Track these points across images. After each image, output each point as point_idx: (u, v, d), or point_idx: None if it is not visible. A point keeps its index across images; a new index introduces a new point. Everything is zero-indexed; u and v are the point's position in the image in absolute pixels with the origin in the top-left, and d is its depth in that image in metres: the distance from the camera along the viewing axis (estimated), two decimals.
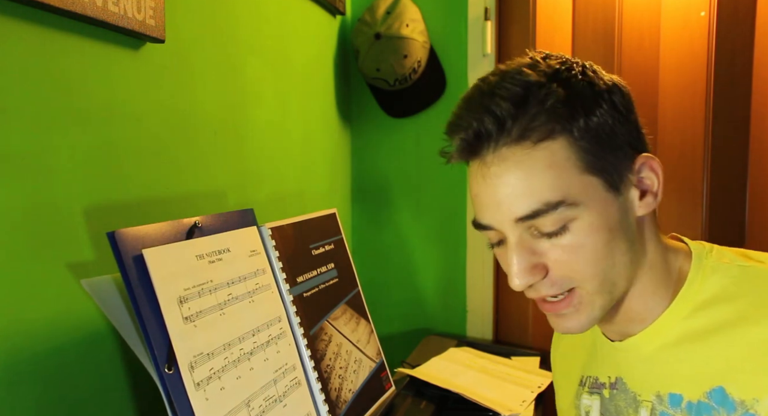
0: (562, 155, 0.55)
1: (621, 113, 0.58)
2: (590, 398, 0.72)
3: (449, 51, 1.59)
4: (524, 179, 0.55)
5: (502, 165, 0.56)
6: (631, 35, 1.50)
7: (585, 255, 0.57)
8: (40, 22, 0.68)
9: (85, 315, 0.76)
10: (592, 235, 0.56)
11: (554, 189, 0.55)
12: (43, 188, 0.70)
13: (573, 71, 0.58)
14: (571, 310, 0.60)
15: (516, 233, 0.58)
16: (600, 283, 0.58)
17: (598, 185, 0.56)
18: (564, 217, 0.55)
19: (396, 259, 1.71)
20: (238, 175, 1.11)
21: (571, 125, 0.55)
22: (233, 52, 1.09)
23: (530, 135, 0.55)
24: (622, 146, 0.58)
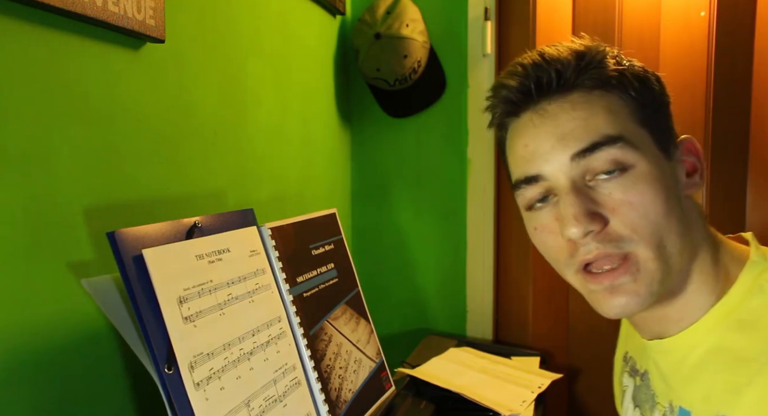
0: (618, 103, 0.58)
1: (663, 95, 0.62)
2: (628, 379, 0.71)
3: (449, 51, 1.59)
4: (582, 117, 0.56)
5: (561, 106, 0.57)
6: (631, 35, 1.50)
7: (644, 206, 0.54)
8: (40, 22, 0.68)
9: (85, 315, 0.76)
10: (651, 185, 0.55)
11: (613, 126, 0.56)
12: (43, 188, 0.70)
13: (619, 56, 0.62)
14: (629, 279, 0.55)
15: (572, 174, 0.56)
16: (657, 246, 0.55)
17: (650, 140, 0.58)
18: (623, 156, 0.55)
19: (396, 259, 1.71)
20: (238, 175, 1.11)
21: (625, 85, 0.58)
22: (233, 52, 1.09)
23: (587, 83, 0.58)
24: (670, 120, 0.61)
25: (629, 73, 0.59)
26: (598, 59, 0.59)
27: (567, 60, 0.58)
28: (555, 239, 0.59)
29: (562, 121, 0.57)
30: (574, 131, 0.56)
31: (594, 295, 0.58)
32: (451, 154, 1.62)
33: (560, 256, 0.60)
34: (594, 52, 0.59)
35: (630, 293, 0.55)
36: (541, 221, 0.60)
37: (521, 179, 0.60)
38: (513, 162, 0.63)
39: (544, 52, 0.60)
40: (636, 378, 0.69)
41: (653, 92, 0.60)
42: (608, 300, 0.57)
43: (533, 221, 0.61)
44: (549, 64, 0.58)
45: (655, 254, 0.55)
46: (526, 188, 0.59)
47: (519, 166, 0.60)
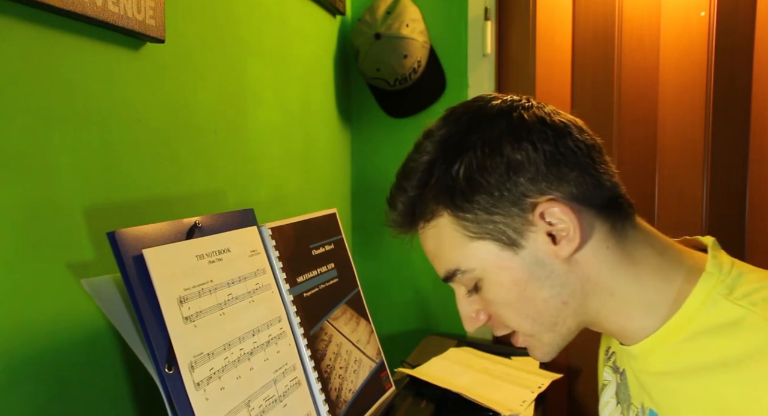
0: (450, 229, 0.61)
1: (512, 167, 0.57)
2: (612, 375, 0.73)
3: (449, 51, 1.59)
4: (430, 251, 0.64)
5: (420, 240, 0.66)
6: (631, 35, 1.50)
7: (503, 308, 0.62)
8: (40, 22, 0.68)
9: (85, 315, 0.76)
10: (500, 292, 0.61)
11: (449, 260, 0.62)
12: (43, 188, 0.70)
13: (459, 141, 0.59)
14: (529, 349, 0.65)
15: (454, 288, 0.65)
16: (531, 327, 0.62)
17: (491, 248, 0.59)
18: (469, 279, 0.62)
19: (396, 259, 1.71)
20: (238, 175, 1.11)
21: (453, 200, 0.59)
22: (233, 52, 1.09)
23: (422, 217, 0.62)
24: (515, 202, 0.57)
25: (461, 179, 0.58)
26: (423, 184, 0.61)
27: (397, 207, 0.64)
28: None
29: (425, 252, 0.66)
30: (435, 265, 0.65)
31: None
32: None
33: None
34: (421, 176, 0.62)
35: (534, 353, 0.65)
36: None
37: None
38: None
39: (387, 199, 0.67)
40: (617, 375, 0.71)
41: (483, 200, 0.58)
42: (528, 352, 0.67)
43: None
44: (390, 210, 0.66)
45: (535, 331, 0.62)
46: None
47: None
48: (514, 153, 0.57)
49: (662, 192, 1.53)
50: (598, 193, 0.59)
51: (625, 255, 0.60)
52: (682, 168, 1.51)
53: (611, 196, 0.59)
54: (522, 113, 0.59)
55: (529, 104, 0.61)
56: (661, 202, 1.54)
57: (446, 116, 0.63)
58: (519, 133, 0.58)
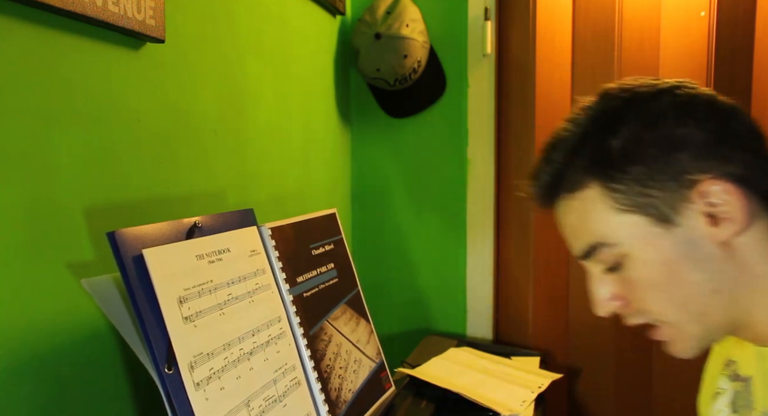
0: (598, 200, 0.58)
1: (675, 142, 0.56)
2: (728, 383, 0.69)
3: (449, 51, 1.59)
4: (570, 225, 0.62)
5: (557, 214, 0.64)
6: (631, 35, 1.50)
7: (647, 290, 0.58)
8: (40, 22, 0.68)
9: (85, 315, 0.76)
10: (645, 271, 0.57)
11: (592, 233, 0.59)
12: (43, 187, 0.70)
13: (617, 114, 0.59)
14: (666, 340, 0.61)
15: (590, 267, 0.62)
16: (676, 316, 0.58)
17: (641, 222, 0.57)
18: (611, 255, 0.59)
19: (396, 259, 1.71)
20: (238, 175, 1.11)
21: (606, 170, 0.58)
22: (233, 52, 1.09)
23: (568, 188, 0.61)
24: (673, 177, 0.56)
25: (606, 161, 0.58)
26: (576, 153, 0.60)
27: (543, 174, 0.62)
28: None
29: (562, 227, 0.64)
30: (570, 239, 0.63)
31: None
32: (451, 154, 1.62)
33: None
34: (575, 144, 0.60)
35: (674, 348, 0.61)
36: None
37: None
38: None
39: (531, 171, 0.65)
40: (737, 383, 0.67)
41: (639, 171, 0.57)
42: (666, 348, 0.62)
43: None
44: (535, 180, 0.64)
45: (679, 321, 0.58)
46: None
47: None
48: (677, 128, 0.56)
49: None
50: (763, 179, 0.56)
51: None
52: None
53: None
54: (687, 91, 0.58)
55: (693, 85, 0.59)
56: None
57: (603, 93, 0.62)
58: (684, 109, 0.57)
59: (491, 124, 1.58)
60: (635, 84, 0.60)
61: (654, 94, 0.58)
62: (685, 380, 1.48)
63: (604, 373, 1.60)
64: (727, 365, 0.71)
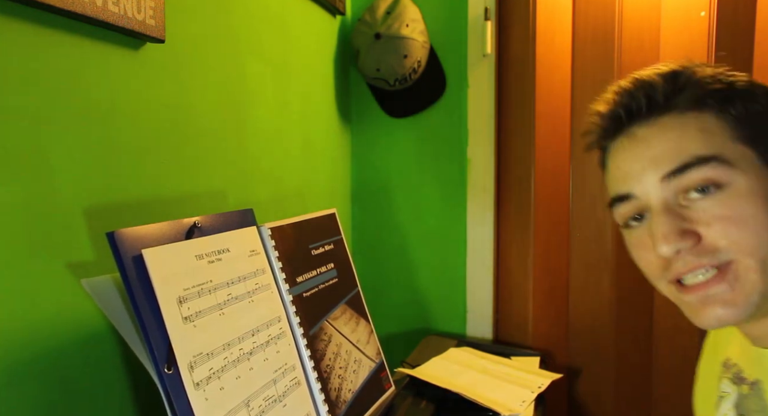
0: (714, 123, 0.57)
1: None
2: (731, 386, 0.67)
3: (449, 51, 1.59)
4: (673, 139, 0.57)
5: (651, 130, 0.58)
6: (631, 35, 1.50)
7: (745, 221, 0.53)
8: (40, 22, 0.69)
9: (85, 315, 0.76)
10: (749, 200, 0.54)
11: (706, 147, 0.56)
12: (43, 187, 0.70)
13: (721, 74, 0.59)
14: (725, 288, 0.54)
15: (663, 194, 0.57)
16: (760, 259, 0.53)
17: (752, 156, 0.56)
18: (716, 175, 0.55)
19: (396, 259, 1.71)
20: (238, 175, 1.11)
21: (723, 104, 0.57)
22: (233, 52, 1.09)
23: (680, 105, 0.57)
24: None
25: (729, 92, 0.58)
26: (692, 80, 0.58)
27: (657, 83, 0.58)
28: (650, 255, 0.60)
29: (653, 143, 0.58)
30: (666, 153, 0.57)
31: (688, 306, 0.58)
32: (451, 154, 1.62)
33: (655, 270, 0.60)
34: (688, 73, 0.59)
35: (727, 304, 0.54)
36: (638, 238, 0.61)
37: (614, 197, 0.61)
38: (608, 182, 0.65)
39: (636, 76, 0.61)
40: (742, 386, 0.65)
41: (758, 108, 0.58)
42: (703, 311, 0.56)
43: (630, 237, 0.63)
44: (638, 89, 0.59)
45: (758, 266, 0.53)
46: (619, 206, 0.61)
47: (612, 185, 0.62)
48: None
49: None
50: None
51: None
52: None
53: None
54: None
55: None
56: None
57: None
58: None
59: (491, 124, 1.58)
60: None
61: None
62: (685, 380, 1.48)
63: (604, 373, 1.60)
64: (726, 367, 0.70)
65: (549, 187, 1.60)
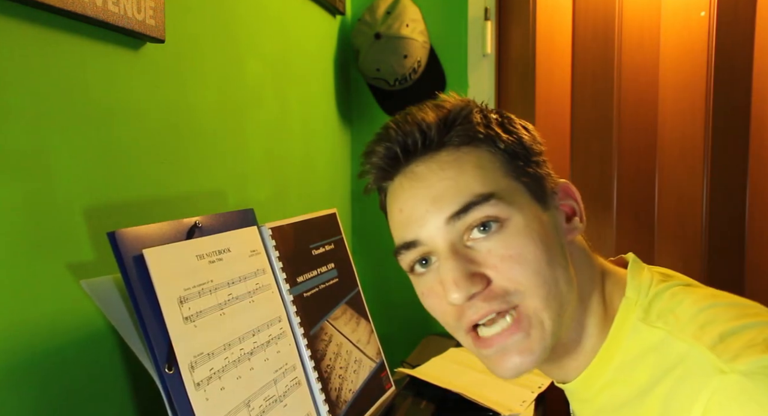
0: (487, 158, 0.57)
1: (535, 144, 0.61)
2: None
3: (449, 51, 1.59)
4: (452, 177, 0.55)
5: (429, 166, 0.56)
6: (631, 35, 1.50)
7: (526, 260, 0.53)
8: (40, 22, 0.68)
9: (85, 315, 0.76)
10: (529, 238, 0.54)
11: (484, 184, 0.55)
12: (43, 188, 0.70)
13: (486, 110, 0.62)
14: (521, 337, 0.54)
15: (449, 237, 0.55)
16: (546, 296, 0.54)
17: (524, 192, 0.57)
18: (496, 212, 0.54)
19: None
20: (238, 175, 1.11)
21: (493, 139, 0.58)
22: (233, 52, 1.09)
23: (454, 141, 0.57)
24: (541, 168, 0.60)
25: (497, 127, 0.59)
26: (462, 115, 0.58)
27: (430, 120, 0.57)
28: (442, 304, 0.58)
29: (433, 182, 0.56)
30: (446, 193, 0.55)
31: (487, 359, 0.58)
32: None
33: (449, 320, 0.59)
34: (458, 109, 0.58)
35: (523, 352, 0.54)
36: (427, 286, 0.59)
37: (400, 245, 0.58)
38: (392, 227, 0.62)
39: (409, 113, 0.60)
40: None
41: (523, 143, 0.59)
42: (501, 362, 0.56)
43: (419, 286, 0.61)
44: (413, 125, 0.57)
45: (545, 304, 0.54)
46: (405, 254, 0.58)
47: (397, 231, 0.59)
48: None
49: (662, 191, 1.53)
50: None
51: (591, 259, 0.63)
52: (682, 167, 1.51)
53: None
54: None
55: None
56: (660, 201, 1.54)
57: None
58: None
59: None
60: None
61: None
62: None
63: None
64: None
65: None
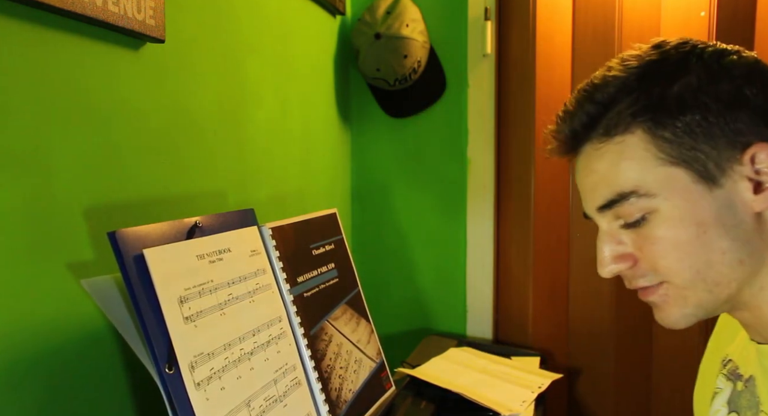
0: (640, 147, 0.56)
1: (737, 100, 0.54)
2: (725, 382, 0.68)
3: (449, 51, 1.59)
4: (600, 171, 0.58)
5: (584, 160, 0.60)
6: (631, 35, 1.50)
7: (667, 249, 0.55)
8: (40, 22, 0.68)
9: (85, 315, 0.76)
10: (673, 228, 0.55)
11: (627, 180, 0.56)
12: (43, 188, 0.70)
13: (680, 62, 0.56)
14: (659, 300, 0.58)
15: (603, 222, 0.60)
16: (690, 280, 0.55)
17: (683, 177, 0.55)
18: (641, 207, 0.56)
19: (396, 259, 1.71)
20: (238, 175, 1.11)
21: (658, 116, 0.55)
22: (233, 52, 1.09)
23: (609, 130, 0.57)
24: (727, 135, 0.54)
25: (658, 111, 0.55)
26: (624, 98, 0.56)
27: (578, 117, 0.59)
28: None
29: (586, 174, 0.60)
30: (595, 187, 0.59)
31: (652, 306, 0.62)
32: (451, 154, 1.62)
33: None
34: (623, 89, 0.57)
35: (665, 312, 0.59)
36: None
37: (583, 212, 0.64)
38: None
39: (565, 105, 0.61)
40: (738, 382, 0.65)
41: (711, 108, 0.54)
42: (656, 313, 0.60)
43: None
44: (565, 121, 0.60)
45: (689, 285, 0.56)
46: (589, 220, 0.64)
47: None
48: (744, 88, 0.54)
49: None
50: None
51: None
52: None
53: None
54: (754, 55, 0.57)
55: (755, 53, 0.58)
56: None
57: (658, 44, 0.58)
58: (752, 70, 0.55)
59: (491, 124, 1.58)
60: (692, 40, 0.58)
61: (721, 51, 0.56)
62: (685, 380, 1.48)
63: (604, 373, 1.60)
64: (724, 364, 0.70)
65: (549, 187, 1.60)
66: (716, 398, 0.69)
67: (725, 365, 0.70)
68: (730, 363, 0.69)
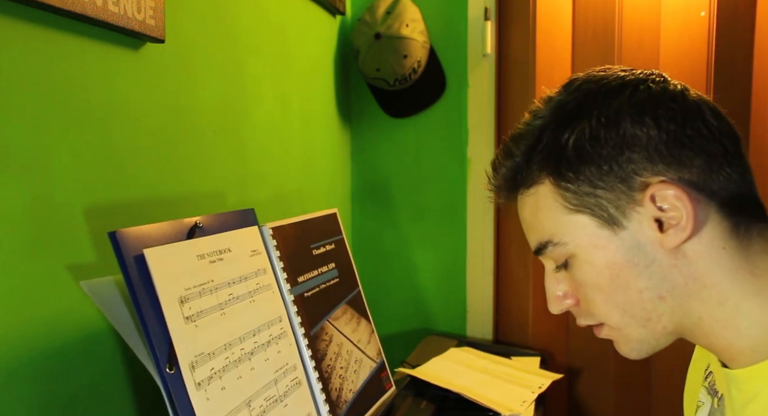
0: (549, 197, 0.58)
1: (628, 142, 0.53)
2: (706, 396, 0.67)
3: (449, 51, 1.59)
4: (526, 219, 0.62)
5: (517, 207, 0.63)
6: (631, 35, 1.50)
7: (592, 292, 0.58)
8: (40, 22, 0.68)
9: (85, 315, 0.76)
10: (591, 272, 0.57)
11: (543, 230, 0.59)
12: (43, 188, 0.69)
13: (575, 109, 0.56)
14: (607, 338, 0.61)
15: (545, 263, 0.62)
16: (620, 319, 0.57)
17: (588, 223, 0.55)
18: (560, 254, 0.58)
19: (396, 259, 1.71)
20: (238, 175, 1.11)
21: (557, 167, 0.56)
22: (233, 52, 1.09)
23: (524, 182, 0.60)
24: (622, 179, 0.53)
25: (558, 163, 0.56)
26: (532, 148, 0.58)
27: (502, 171, 0.62)
28: None
29: (520, 220, 0.63)
30: (527, 234, 0.63)
31: None
32: (451, 154, 1.62)
33: None
34: (531, 140, 0.59)
35: (619, 348, 0.61)
36: None
37: None
38: None
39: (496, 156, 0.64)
40: (714, 399, 0.64)
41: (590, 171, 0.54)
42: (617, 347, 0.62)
43: None
44: (495, 175, 0.63)
45: (623, 324, 0.58)
46: None
47: None
48: (633, 128, 0.53)
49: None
50: (724, 186, 0.53)
51: (746, 263, 0.53)
52: None
53: (739, 193, 0.54)
54: (651, 86, 0.55)
55: (662, 79, 0.56)
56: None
57: (567, 84, 0.60)
58: (642, 107, 0.53)
59: (491, 124, 1.58)
60: (602, 75, 0.58)
61: (617, 89, 0.55)
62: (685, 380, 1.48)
63: (604, 373, 1.60)
64: (706, 375, 0.69)
65: None
66: (699, 412, 0.69)
67: (706, 377, 0.69)
68: (711, 375, 0.68)
